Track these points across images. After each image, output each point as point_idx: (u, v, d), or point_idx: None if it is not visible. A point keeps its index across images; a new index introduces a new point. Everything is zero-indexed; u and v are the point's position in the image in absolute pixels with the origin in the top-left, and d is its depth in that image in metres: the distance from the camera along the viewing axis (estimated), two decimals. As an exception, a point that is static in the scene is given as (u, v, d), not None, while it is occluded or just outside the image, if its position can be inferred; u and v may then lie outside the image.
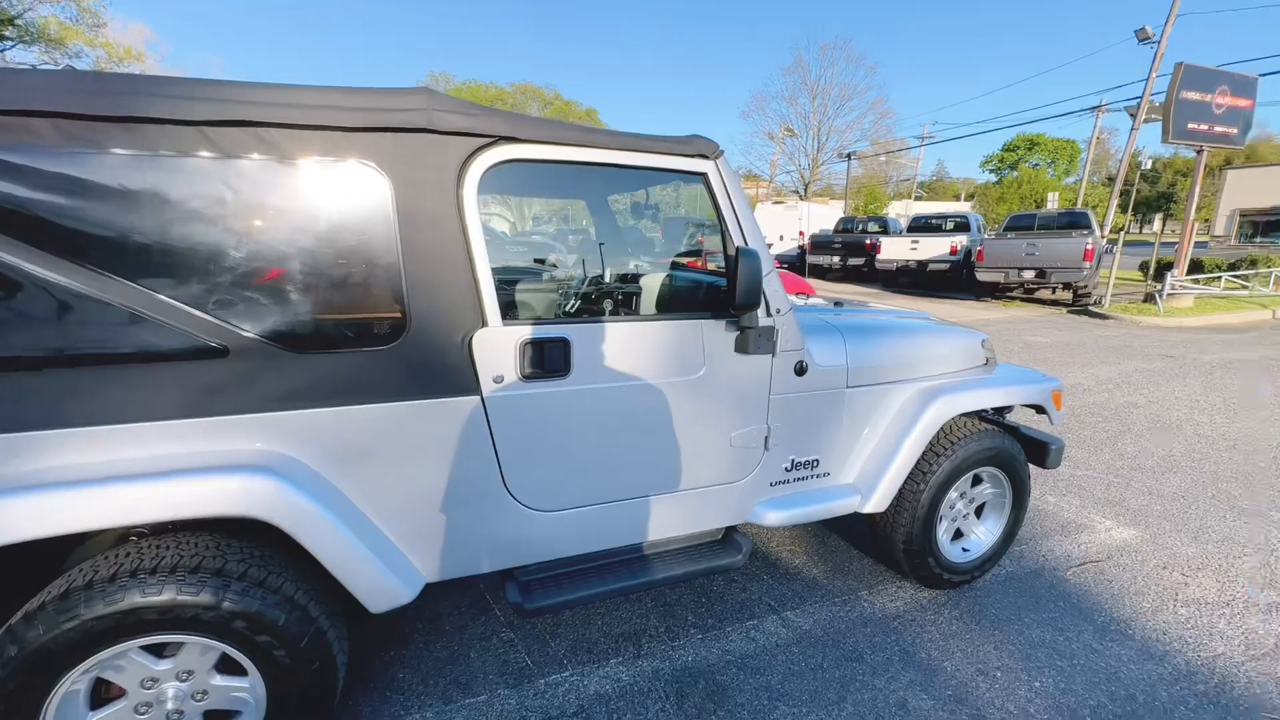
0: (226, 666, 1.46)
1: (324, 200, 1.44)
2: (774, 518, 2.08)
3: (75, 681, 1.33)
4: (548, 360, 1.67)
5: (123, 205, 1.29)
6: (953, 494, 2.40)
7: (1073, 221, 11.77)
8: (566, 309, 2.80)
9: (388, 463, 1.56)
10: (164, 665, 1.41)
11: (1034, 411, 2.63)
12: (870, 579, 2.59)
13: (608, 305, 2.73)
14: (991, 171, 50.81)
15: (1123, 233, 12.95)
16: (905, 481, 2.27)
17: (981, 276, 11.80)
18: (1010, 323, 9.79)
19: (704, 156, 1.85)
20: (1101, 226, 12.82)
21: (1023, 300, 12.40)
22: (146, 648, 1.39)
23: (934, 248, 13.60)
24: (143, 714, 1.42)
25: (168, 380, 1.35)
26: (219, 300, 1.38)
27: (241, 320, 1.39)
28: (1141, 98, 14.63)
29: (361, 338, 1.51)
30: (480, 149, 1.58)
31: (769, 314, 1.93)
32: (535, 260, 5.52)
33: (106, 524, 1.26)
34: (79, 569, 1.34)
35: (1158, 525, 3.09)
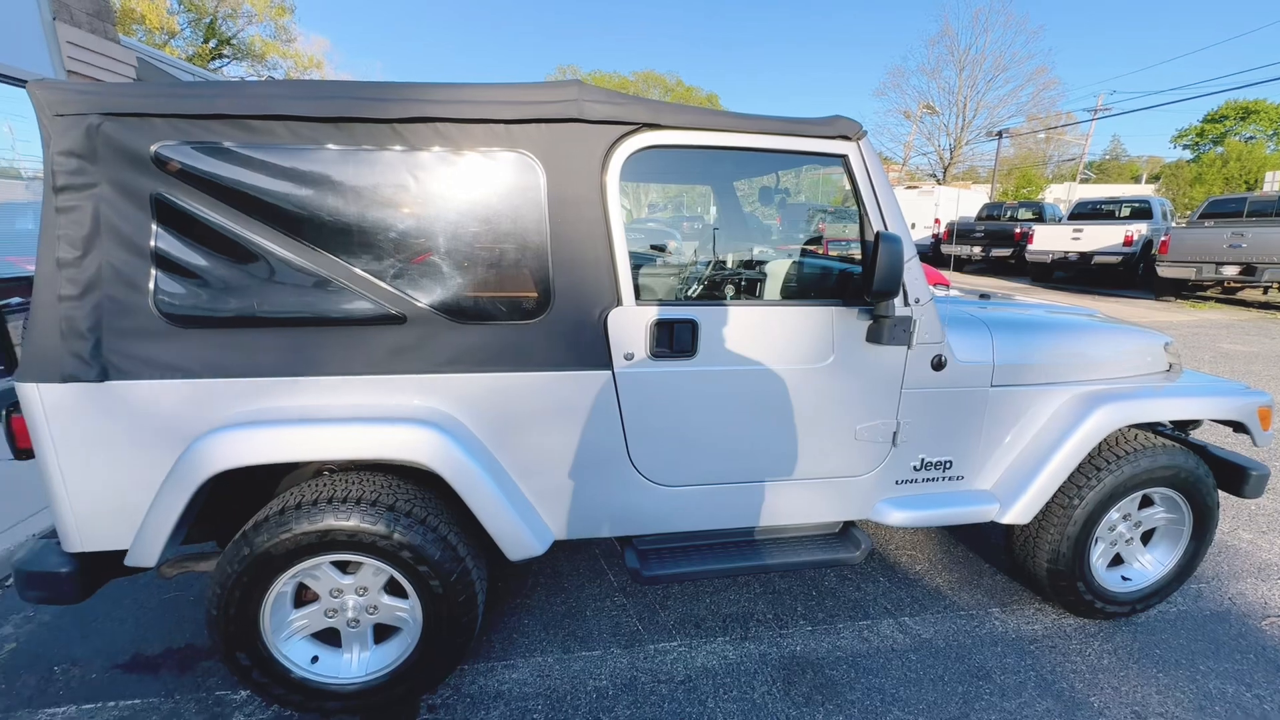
0: (393, 589, 1.72)
1: (486, 186, 1.60)
2: (897, 517, 1.99)
3: (284, 584, 1.63)
4: (676, 340, 1.73)
5: (333, 192, 1.53)
6: (1114, 514, 2.13)
7: (1299, 206, 9.63)
8: (690, 293, 2.85)
9: (528, 426, 1.71)
10: (347, 580, 1.69)
11: (1232, 430, 2.24)
12: (1004, 596, 2.39)
13: (730, 290, 2.74)
14: (1186, 148, 42.65)
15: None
16: (1055, 494, 2.05)
17: (1164, 272, 10.08)
18: (1200, 327, 8.29)
19: (846, 138, 1.79)
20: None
21: (1218, 301, 10.44)
22: (335, 564, 1.67)
23: (1102, 237, 11.80)
24: (329, 618, 1.71)
25: (359, 342, 1.60)
26: (400, 274, 1.59)
27: (416, 293, 1.60)
28: None
29: (512, 312, 1.67)
30: (624, 136, 1.66)
31: (907, 303, 1.83)
32: (652, 247, 5.64)
33: (313, 458, 1.53)
34: (290, 493, 1.64)
35: (1399, 582, 2.51)
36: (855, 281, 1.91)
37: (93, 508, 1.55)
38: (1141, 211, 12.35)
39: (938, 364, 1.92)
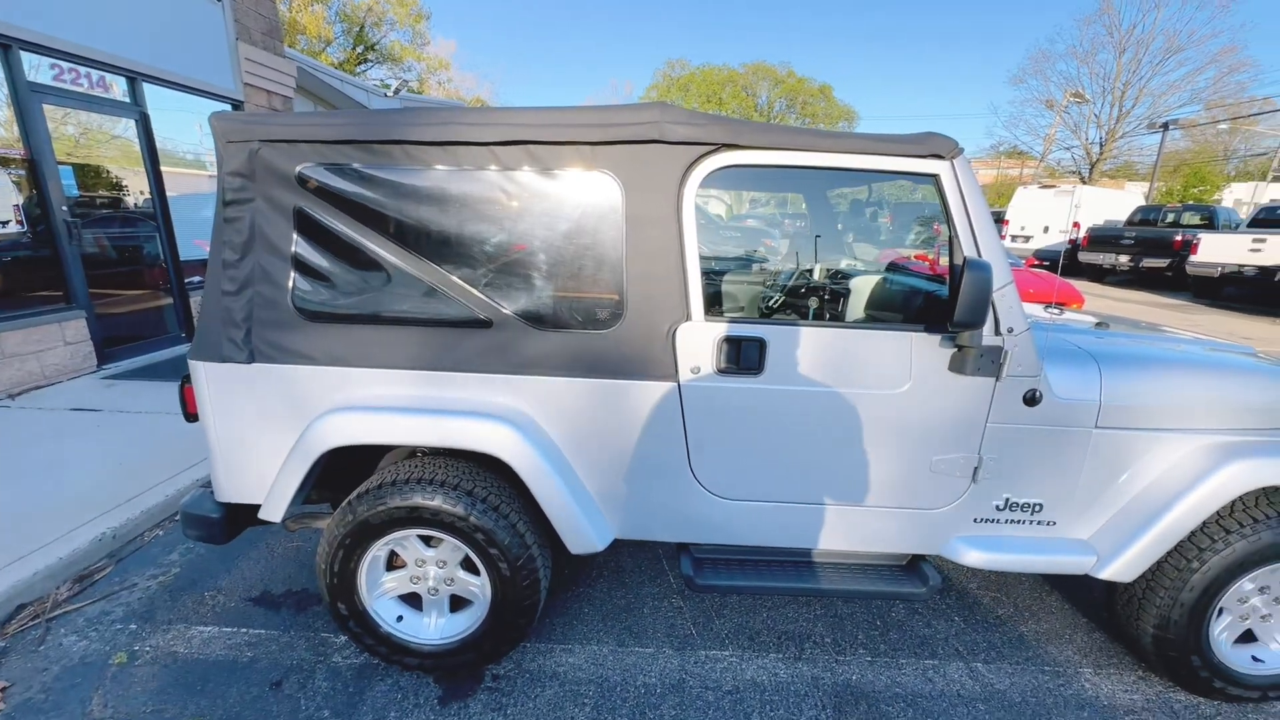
0: (468, 566, 1.90)
1: (569, 204, 1.71)
2: (974, 557, 1.87)
3: (379, 549, 1.86)
4: (743, 358, 1.75)
5: (437, 207, 1.71)
6: (1245, 584, 1.86)
7: None
8: (771, 304, 2.82)
9: (596, 429, 1.82)
10: (430, 552, 1.89)
11: None
12: (1099, 657, 2.16)
13: (813, 304, 2.68)
14: None
15: None
16: (1168, 554, 1.83)
17: (1376, 295, 8.32)
18: None
19: (939, 156, 1.70)
20: None
21: None
22: (421, 537, 1.87)
23: (1293, 250, 9.93)
24: (414, 584, 1.93)
25: (451, 342, 1.77)
26: (488, 283, 1.75)
27: (502, 300, 1.75)
28: None
29: (587, 321, 1.77)
30: (703, 155, 1.69)
31: (997, 332, 1.72)
32: (747, 252, 5.58)
33: (405, 441, 1.74)
34: (386, 471, 1.86)
35: None
36: (941, 306, 1.81)
37: (237, 467, 1.86)
38: (1351, 220, 10.24)
39: (1031, 399, 1.77)
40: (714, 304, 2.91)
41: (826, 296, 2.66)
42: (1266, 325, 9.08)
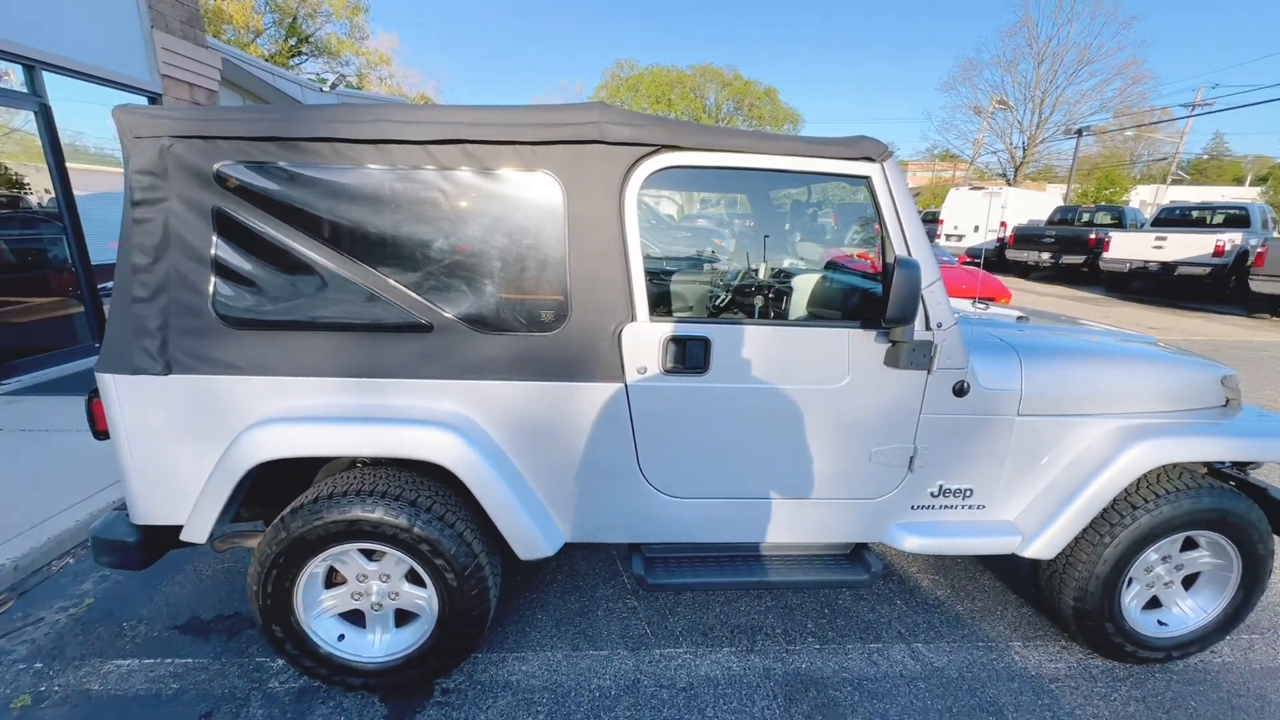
0: (413, 579, 1.84)
1: (510, 205, 1.68)
2: (911, 543, 1.96)
3: (316, 566, 1.77)
4: (688, 357, 1.76)
5: (371, 208, 1.65)
6: (1151, 554, 2.02)
7: None
8: (718, 303, 2.86)
9: (543, 433, 1.79)
10: (372, 566, 1.82)
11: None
12: (1028, 630, 2.30)
13: (758, 302, 2.74)
14: (1300, 147, 38.49)
15: None
16: (1084, 530, 1.97)
17: (1258, 287, 9.24)
18: (1296, 349, 7.56)
19: (869, 159, 1.76)
20: None
21: (1324, 321, 9.47)
22: (362, 551, 1.80)
23: (1189, 246, 10.90)
24: (355, 600, 1.85)
25: (389, 347, 1.71)
26: (428, 286, 1.70)
27: (442, 303, 1.70)
28: None
29: (532, 324, 1.74)
30: (644, 156, 1.70)
31: (928, 327, 1.80)
32: (697, 252, 5.64)
33: (342, 453, 1.66)
34: (323, 483, 1.78)
35: None
36: (876, 303, 1.89)
37: (155, 486, 1.74)
38: (1237, 219, 11.33)
39: (960, 390, 1.87)
40: (661, 304, 2.92)
41: (770, 295, 2.72)
42: (1168, 315, 9.92)
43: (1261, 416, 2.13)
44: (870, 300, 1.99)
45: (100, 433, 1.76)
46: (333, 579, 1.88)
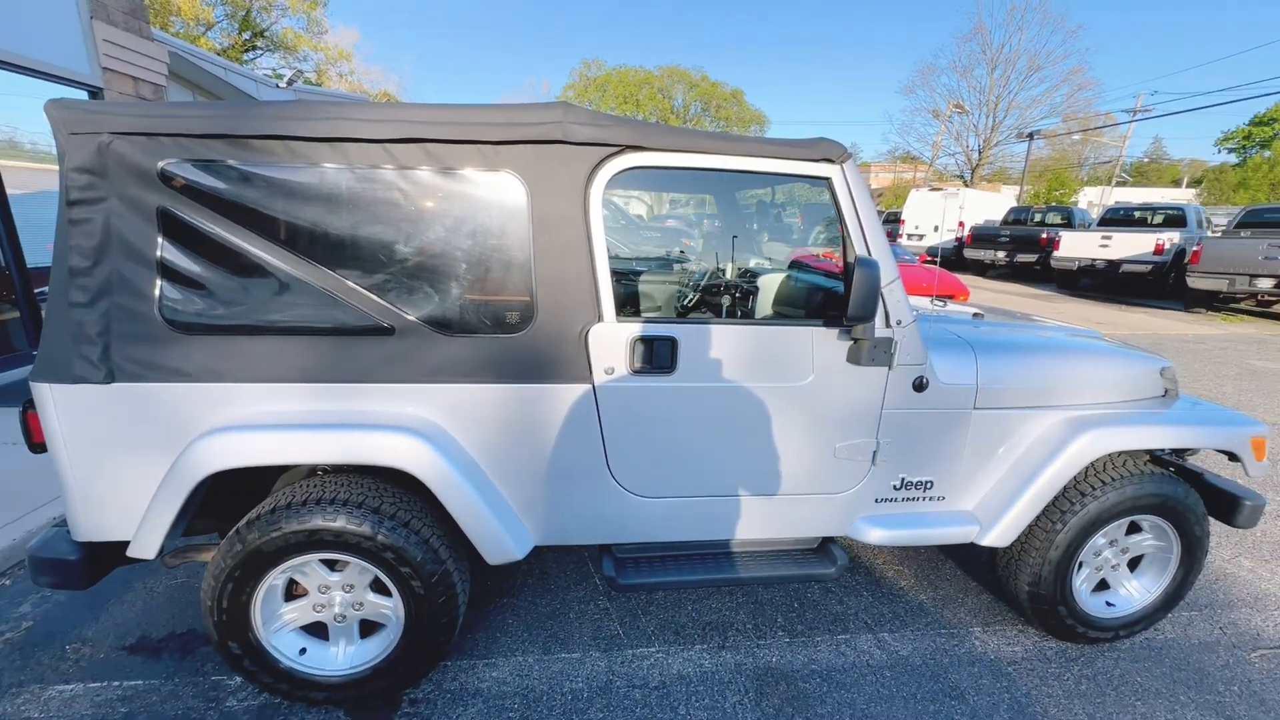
0: (378, 588, 1.79)
1: (472, 205, 1.66)
2: (875, 535, 2.00)
3: (275, 578, 1.71)
4: (655, 357, 1.77)
5: (328, 208, 1.60)
6: (1099, 539, 2.12)
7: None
8: (685, 303, 2.88)
9: (510, 436, 1.77)
10: (334, 577, 1.77)
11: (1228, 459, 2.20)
12: (987, 616, 2.39)
13: (725, 302, 2.77)
14: (1231, 151, 40.92)
15: None
16: (1037, 518, 2.05)
17: (1194, 283, 9.78)
18: (1230, 341, 8.04)
19: (829, 160, 1.80)
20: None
21: (1251, 315, 10.09)
22: (324, 561, 1.75)
23: (1132, 245, 11.48)
24: (317, 612, 1.80)
25: (350, 351, 1.66)
26: (390, 288, 1.66)
27: (405, 306, 1.66)
28: None
29: (497, 325, 1.72)
30: (608, 157, 1.69)
31: (888, 325, 1.85)
32: (666, 252, 5.66)
33: (302, 461, 1.61)
34: (282, 493, 1.72)
35: (1405, 619, 2.45)
36: (837, 302, 1.92)
37: (98, 500, 1.65)
38: (1174, 219, 11.97)
39: (919, 385, 1.92)
40: (629, 304, 2.93)
41: (737, 295, 2.75)
42: (1114, 311, 10.42)
43: (1196, 405, 2.25)
44: (833, 299, 2.03)
45: (37, 445, 1.66)
46: (293, 591, 1.82)
